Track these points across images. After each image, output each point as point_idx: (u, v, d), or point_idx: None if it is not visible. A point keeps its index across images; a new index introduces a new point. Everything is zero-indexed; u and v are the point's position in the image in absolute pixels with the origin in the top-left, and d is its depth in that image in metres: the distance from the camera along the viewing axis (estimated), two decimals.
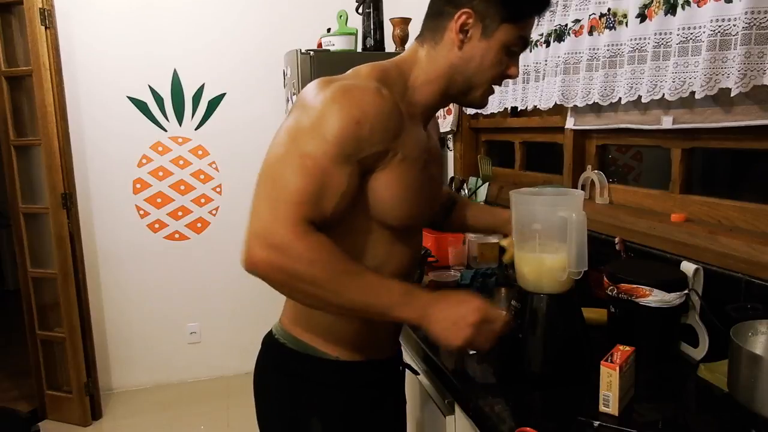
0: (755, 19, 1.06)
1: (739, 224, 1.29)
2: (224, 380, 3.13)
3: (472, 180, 2.45)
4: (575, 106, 1.69)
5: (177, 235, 3.07)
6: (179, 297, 3.10)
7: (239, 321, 3.16)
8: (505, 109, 2.16)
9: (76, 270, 2.66)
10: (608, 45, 1.48)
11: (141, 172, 2.97)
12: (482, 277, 1.70)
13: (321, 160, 0.81)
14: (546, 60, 1.79)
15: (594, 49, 1.55)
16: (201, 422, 2.74)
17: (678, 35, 1.24)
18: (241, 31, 2.99)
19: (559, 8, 1.68)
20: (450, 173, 2.72)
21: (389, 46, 2.70)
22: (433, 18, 0.96)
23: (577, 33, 1.62)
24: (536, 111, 1.99)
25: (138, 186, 2.97)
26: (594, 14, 1.54)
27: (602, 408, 0.94)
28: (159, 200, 3.01)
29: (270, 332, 1.08)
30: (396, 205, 0.92)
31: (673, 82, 1.26)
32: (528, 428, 0.87)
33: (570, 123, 1.80)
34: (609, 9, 1.47)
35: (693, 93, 1.21)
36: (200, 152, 3.04)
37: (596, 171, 1.75)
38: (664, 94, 1.29)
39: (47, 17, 2.47)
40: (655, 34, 1.31)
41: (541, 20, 1.82)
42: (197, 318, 3.15)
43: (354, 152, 0.84)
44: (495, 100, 2.18)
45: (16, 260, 2.77)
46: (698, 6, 1.19)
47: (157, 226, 3.03)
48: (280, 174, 0.82)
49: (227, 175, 3.09)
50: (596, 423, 0.91)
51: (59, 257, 2.60)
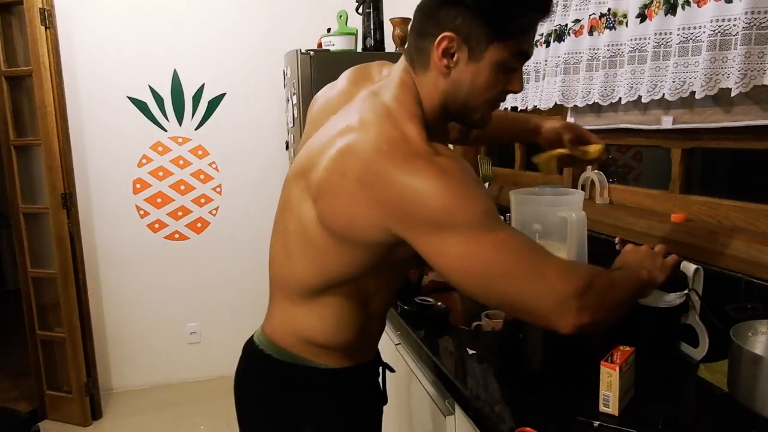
0: (755, 19, 1.06)
1: (739, 224, 1.29)
2: (224, 380, 3.13)
3: None
4: (575, 106, 1.69)
5: (177, 235, 3.07)
6: (179, 297, 3.10)
7: (239, 321, 3.15)
8: (506, 109, 2.16)
9: (76, 270, 2.66)
10: (608, 45, 1.48)
11: (141, 172, 2.97)
12: None
13: (500, 221, 0.79)
14: (546, 60, 1.79)
15: (594, 49, 1.55)
16: (201, 422, 2.74)
17: (678, 35, 1.24)
18: (241, 31, 2.99)
19: (559, 8, 1.68)
20: None
21: (389, 46, 2.70)
22: (417, 37, 0.87)
23: (577, 33, 1.62)
24: (536, 111, 1.99)
25: (138, 186, 2.97)
26: (594, 14, 1.54)
27: (602, 408, 0.94)
28: (159, 200, 3.01)
29: (251, 340, 1.05)
30: None
31: (673, 82, 1.26)
32: (528, 428, 0.87)
33: None
34: (609, 9, 1.47)
35: (693, 93, 1.21)
36: (200, 152, 3.04)
37: (596, 171, 1.75)
38: (664, 94, 1.29)
39: (47, 17, 2.47)
40: (655, 34, 1.31)
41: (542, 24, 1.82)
42: (197, 318, 3.15)
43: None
44: None
45: (16, 260, 2.77)
46: (698, 6, 1.19)
47: (157, 226, 3.03)
48: (512, 258, 0.77)
49: (227, 175, 3.09)
50: (596, 423, 0.91)
51: (59, 257, 2.60)
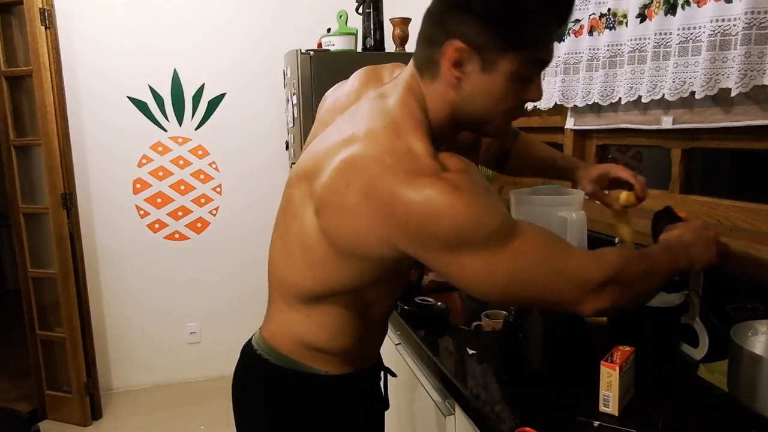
0: (755, 19, 1.06)
1: (739, 224, 1.29)
2: (224, 380, 3.12)
3: None
4: (575, 106, 1.69)
5: (177, 235, 3.07)
6: (179, 297, 3.10)
7: (239, 321, 3.15)
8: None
9: (76, 270, 2.66)
10: (608, 45, 1.48)
11: (141, 172, 2.97)
12: None
13: (516, 222, 0.77)
14: None
15: (594, 49, 1.55)
16: (201, 422, 2.74)
17: (678, 35, 1.24)
18: (241, 31, 2.99)
19: None
20: None
21: (389, 47, 2.70)
22: (425, 45, 0.81)
23: (577, 33, 1.62)
24: (536, 111, 1.99)
25: (138, 186, 2.97)
26: (594, 14, 1.54)
27: (602, 408, 0.94)
28: (159, 200, 3.01)
29: (249, 344, 1.02)
30: None
31: (673, 82, 1.26)
32: (528, 428, 0.87)
33: (570, 123, 1.80)
34: (609, 9, 1.47)
35: (693, 93, 1.21)
36: (200, 152, 3.04)
37: None
38: (664, 94, 1.29)
39: (47, 17, 2.47)
40: (655, 34, 1.31)
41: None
42: (197, 318, 3.15)
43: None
44: None
45: (16, 260, 2.77)
46: (698, 6, 1.19)
47: (157, 226, 3.03)
48: (530, 262, 0.76)
49: (227, 175, 3.09)
50: (596, 423, 0.91)
51: (59, 257, 2.60)
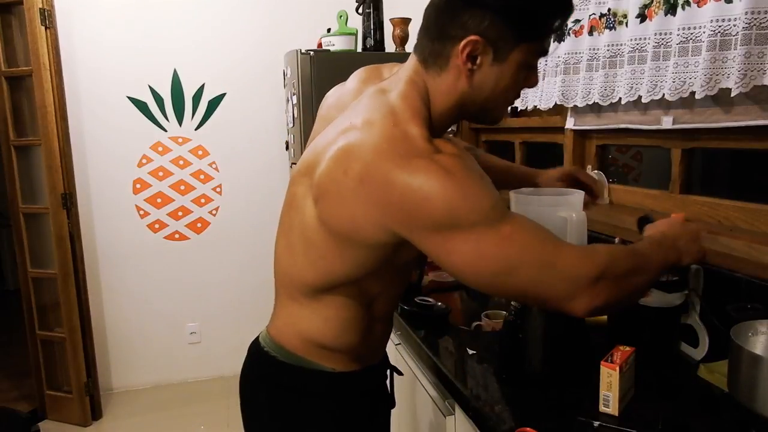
0: (755, 19, 1.06)
1: (739, 224, 1.29)
2: (224, 380, 3.13)
3: None
4: (575, 107, 1.69)
5: (177, 235, 3.07)
6: (179, 297, 3.10)
7: (239, 321, 3.16)
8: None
9: (76, 270, 2.66)
10: (608, 45, 1.48)
11: (141, 172, 2.97)
12: None
13: (507, 213, 0.77)
14: (546, 60, 1.79)
15: (594, 49, 1.55)
16: (201, 422, 2.74)
17: (678, 35, 1.24)
18: (241, 31, 2.99)
19: None
20: None
21: (389, 46, 2.70)
22: (435, 39, 0.83)
23: (577, 33, 1.62)
24: (536, 111, 1.99)
25: (138, 186, 2.97)
26: (594, 14, 1.54)
27: (602, 408, 0.94)
28: (159, 200, 3.01)
29: (257, 341, 1.02)
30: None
31: (673, 82, 1.26)
32: (528, 428, 0.87)
33: (570, 123, 1.80)
34: (609, 9, 1.47)
35: (693, 93, 1.21)
36: (200, 152, 3.04)
37: (596, 171, 1.75)
38: (664, 94, 1.29)
39: (47, 17, 2.46)
40: (655, 34, 1.31)
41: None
42: (197, 318, 3.15)
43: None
44: None
45: (16, 260, 2.77)
46: (698, 6, 1.19)
47: (157, 226, 3.03)
48: (521, 253, 0.75)
49: (227, 175, 3.09)
50: (596, 423, 0.91)
51: (59, 257, 2.60)
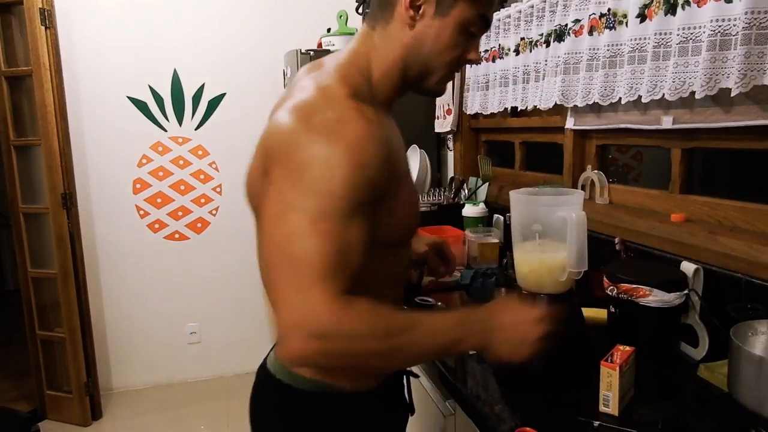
0: (755, 19, 1.06)
1: (739, 224, 1.29)
2: (224, 380, 3.13)
3: (472, 180, 2.44)
4: (575, 106, 1.69)
5: (177, 235, 3.07)
6: (179, 297, 3.10)
7: (239, 321, 3.15)
8: (505, 109, 2.17)
9: (76, 270, 2.66)
10: (608, 45, 1.48)
11: (141, 172, 2.97)
12: (482, 277, 1.70)
13: (336, 221, 0.70)
14: (546, 60, 1.79)
15: (594, 49, 1.55)
16: (201, 422, 2.74)
17: (678, 35, 1.24)
18: (241, 31, 2.99)
19: (559, 8, 1.68)
20: (450, 173, 2.72)
21: None
22: None
23: (577, 33, 1.62)
24: (536, 111, 1.99)
25: (138, 186, 2.97)
26: (594, 14, 1.54)
27: (602, 408, 0.94)
28: (159, 200, 3.01)
29: (264, 366, 0.95)
30: (400, 225, 0.85)
31: (673, 82, 1.26)
32: (528, 428, 0.87)
33: (570, 123, 1.80)
34: (609, 9, 1.47)
35: (693, 93, 1.21)
36: (200, 152, 3.04)
37: (596, 171, 1.75)
38: (664, 94, 1.29)
39: (47, 17, 2.46)
40: (655, 34, 1.31)
41: (541, 21, 1.82)
42: (197, 318, 3.15)
43: (365, 197, 0.74)
44: (495, 100, 2.18)
45: (16, 260, 2.77)
46: (698, 6, 1.19)
47: (157, 226, 3.03)
48: (296, 251, 0.70)
49: (227, 175, 3.09)
50: (596, 423, 0.91)
51: (59, 257, 2.60)
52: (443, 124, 2.64)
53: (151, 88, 2.92)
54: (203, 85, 2.99)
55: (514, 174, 2.34)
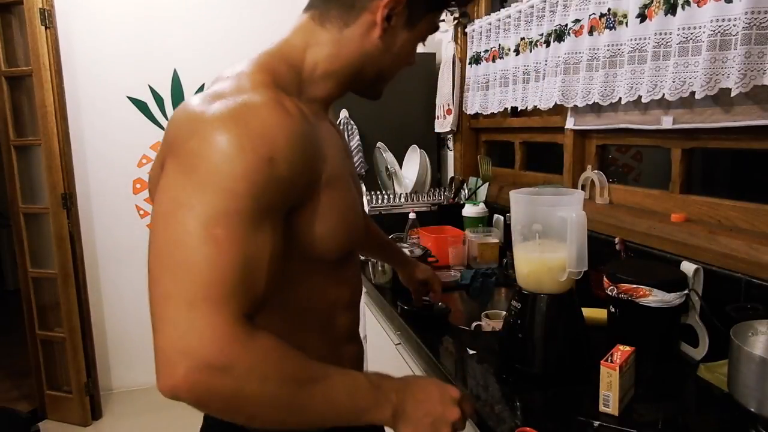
0: (755, 19, 1.06)
1: (739, 224, 1.29)
2: None
3: (472, 180, 2.45)
4: (575, 106, 1.69)
5: None
6: None
7: None
8: (505, 109, 2.17)
9: (76, 270, 2.66)
10: (608, 45, 1.48)
11: (141, 172, 2.97)
12: (482, 277, 1.70)
13: (236, 227, 0.59)
14: (546, 60, 1.79)
15: (594, 49, 1.55)
16: (201, 422, 2.73)
17: (678, 35, 1.24)
18: (241, 31, 2.99)
19: (559, 8, 1.68)
20: (450, 173, 2.72)
21: None
22: None
23: (577, 33, 1.62)
24: (536, 111, 1.99)
25: (138, 186, 2.97)
26: (594, 14, 1.54)
27: (602, 408, 0.94)
28: None
29: None
30: (333, 237, 0.74)
31: (673, 82, 1.26)
32: (528, 428, 0.87)
33: (570, 123, 1.80)
34: (609, 9, 1.47)
35: (693, 93, 1.21)
36: None
37: (596, 171, 1.75)
38: (664, 94, 1.29)
39: (47, 17, 2.47)
40: (655, 34, 1.31)
41: (541, 21, 1.82)
42: None
43: (275, 200, 0.63)
44: (495, 100, 2.18)
45: (16, 260, 2.77)
46: (698, 6, 1.19)
47: None
48: (185, 262, 0.57)
49: None
50: (596, 423, 0.91)
51: (59, 257, 2.60)
52: (443, 124, 2.64)
53: (151, 88, 2.92)
54: (203, 86, 2.98)
55: (514, 174, 2.34)
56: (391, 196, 2.35)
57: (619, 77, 1.47)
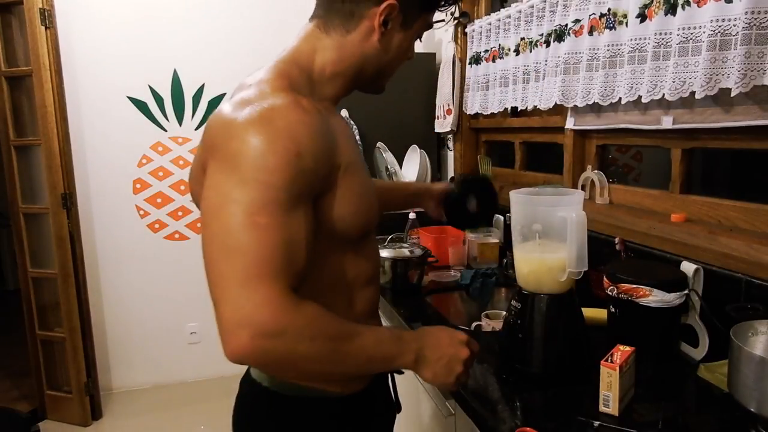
0: (755, 19, 1.06)
1: (739, 224, 1.29)
2: (224, 380, 3.13)
3: None
4: (575, 106, 1.69)
5: (177, 235, 3.07)
6: (179, 297, 3.10)
7: None
8: (505, 109, 2.17)
9: (76, 270, 2.66)
10: (608, 45, 1.48)
11: (141, 172, 2.97)
12: (482, 277, 1.70)
13: (275, 214, 0.68)
14: (546, 60, 1.79)
15: (594, 49, 1.55)
16: (201, 422, 2.74)
17: (678, 35, 1.24)
18: (241, 31, 2.99)
19: (559, 8, 1.68)
20: (450, 173, 2.72)
21: None
22: (347, 2, 0.85)
23: (577, 33, 1.62)
24: (536, 111, 1.99)
25: (138, 186, 2.97)
26: (594, 14, 1.54)
27: (602, 408, 0.94)
28: (159, 200, 3.01)
29: (248, 375, 0.95)
30: (354, 218, 0.83)
31: (673, 82, 1.26)
32: (528, 428, 0.87)
33: (570, 123, 1.80)
34: (609, 9, 1.47)
35: (693, 93, 1.21)
36: None
37: (596, 171, 1.75)
38: (664, 94, 1.29)
39: (47, 17, 2.47)
40: (655, 34, 1.31)
41: (541, 21, 1.82)
42: (197, 318, 3.15)
43: (305, 188, 0.73)
44: (495, 100, 2.18)
45: (16, 260, 2.77)
46: (698, 6, 1.19)
47: (157, 226, 3.03)
48: (236, 246, 0.67)
49: None
50: (596, 423, 0.91)
51: (59, 257, 2.60)
52: (443, 124, 2.64)
53: (151, 88, 2.92)
54: (203, 85, 2.99)
55: (514, 174, 2.34)
56: None
57: (619, 77, 1.47)
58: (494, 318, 1.42)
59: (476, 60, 2.34)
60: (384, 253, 1.66)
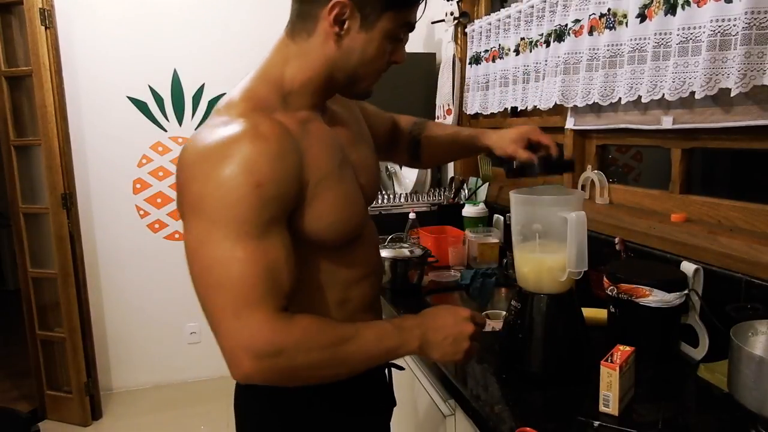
0: (755, 19, 1.06)
1: (739, 224, 1.29)
2: (224, 380, 3.12)
3: (472, 180, 2.45)
4: (575, 106, 1.69)
5: (177, 235, 3.06)
6: (179, 297, 3.10)
7: None
8: (505, 109, 2.17)
9: (76, 270, 2.66)
10: (608, 45, 1.48)
11: (141, 172, 2.97)
12: (482, 277, 1.70)
13: (249, 246, 0.71)
14: (546, 60, 1.79)
15: (594, 49, 1.55)
16: (201, 422, 2.74)
17: (678, 35, 1.24)
18: (241, 31, 2.99)
19: (559, 8, 1.68)
20: (450, 173, 2.72)
21: None
22: (302, 2, 0.83)
23: (577, 33, 1.62)
24: (536, 111, 1.99)
25: (138, 186, 2.97)
26: (594, 14, 1.54)
27: (602, 408, 0.94)
28: (159, 200, 3.01)
29: None
30: (331, 228, 0.84)
31: (673, 82, 1.26)
32: (528, 428, 0.87)
33: (570, 123, 1.80)
34: (609, 9, 1.47)
35: (693, 93, 1.21)
36: None
37: (596, 171, 1.75)
38: (664, 94, 1.29)
39: (47, 17, 2.47)
40: (655, 34, 1.31)
41: (541, 21, 1.82)
42: (197, 318, 3.15)
43: (275, 212, 0.74)
44: (495, 100, 2.18)
45: (16, 260, 2.77)
46: (698, 6, 1.19)
47: (157, 226, 3.03)
48: (221, 282, 0.71)
49: None
50: (596, 423, 0.91)
51: (59, 257, 2.60)
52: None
53: (151, 88, 2.92)
54: (203, 86, 2.99)
55: None
56: (391, 196, 2.35)
57: (619, 77, 1.47)
58: (494, 318, 1.42)
59: (476, 60, 2.34)
60: (384, 253, 1.66)
